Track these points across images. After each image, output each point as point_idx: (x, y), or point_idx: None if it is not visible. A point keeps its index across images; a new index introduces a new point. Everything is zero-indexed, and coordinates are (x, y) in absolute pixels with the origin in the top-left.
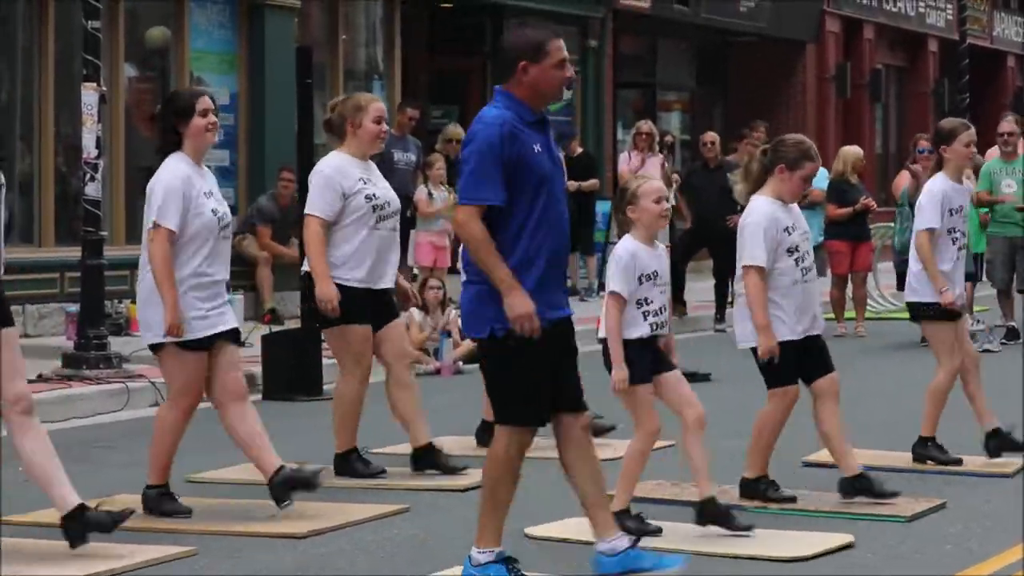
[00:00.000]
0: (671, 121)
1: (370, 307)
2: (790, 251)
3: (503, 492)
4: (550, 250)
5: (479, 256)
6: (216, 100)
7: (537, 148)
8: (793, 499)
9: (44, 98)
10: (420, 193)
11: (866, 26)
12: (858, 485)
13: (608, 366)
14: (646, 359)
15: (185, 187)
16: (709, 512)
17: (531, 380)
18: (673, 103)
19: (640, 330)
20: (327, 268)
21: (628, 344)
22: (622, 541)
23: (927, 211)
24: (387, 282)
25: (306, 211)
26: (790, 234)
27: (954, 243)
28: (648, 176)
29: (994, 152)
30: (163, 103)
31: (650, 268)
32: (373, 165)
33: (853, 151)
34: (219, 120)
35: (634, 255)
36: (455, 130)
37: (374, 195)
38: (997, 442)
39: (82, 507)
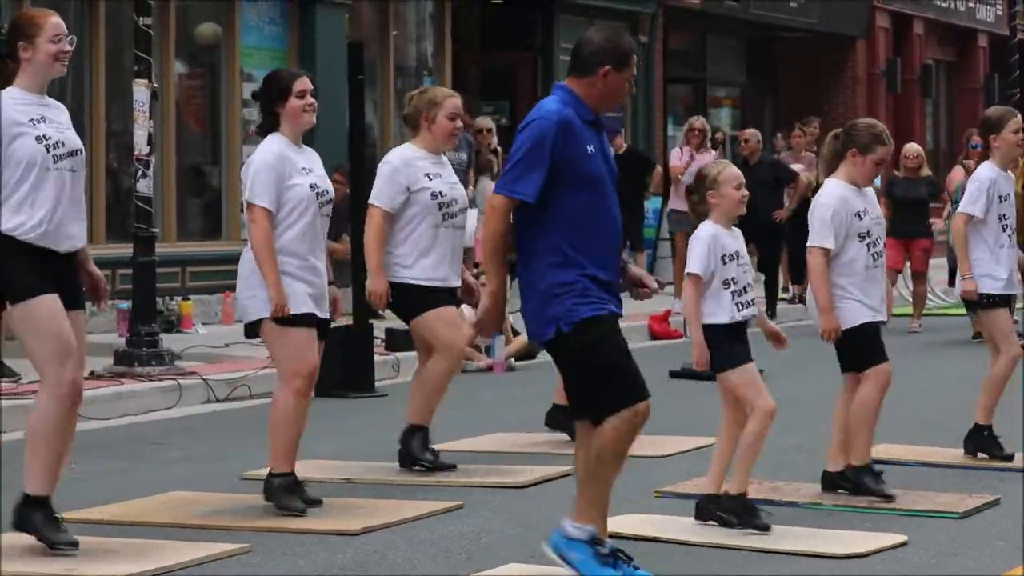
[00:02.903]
0: (721, 117)
1: (442, 297)
2: (861, 236)
3: (605, 471)
4: (598, 251)
5: (485, 250)
6: (315, 82)
7: (591, 149)
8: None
9: (95, 95)
10: (490, 189)
11: (916, 21)
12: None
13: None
14: (738, 341)
15: (278, 164)
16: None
17: (616, 360)
18: (723, 99)
19: (729, 312)
20: (381, 261)
21: (719, 328)
22: (581, 532)
23: (970, 197)
24: (453, 281)
25: (370, 200)
26: (861, 219)
27: (1004, 230)
28: (725, 162)
29: None
30: (263, 83)
31: (731, 248)
32: (445, 160)
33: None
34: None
35: (715, 236)
36: (484, 121)
37: (440, 192)
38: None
39: (45, 501)
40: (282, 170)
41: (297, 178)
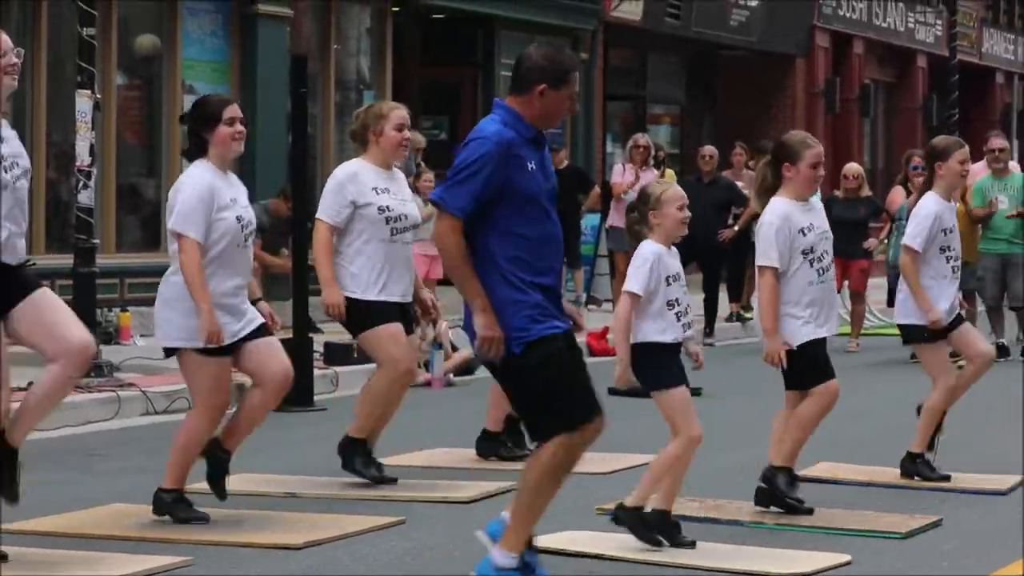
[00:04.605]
0: (660, 134)
1: (392, 313)
2: (804, 252)
3: (542, 500)
4: (543, 265)
5: (452, 269)
6: (255, 97)
7: (531, 166)
8: (807, 509)
9: (36, 105)
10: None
11: (856, 41)
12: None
13: (639, 376)
14: (679, 362)
15: (207, 195)
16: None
17: (561, 384)
18: (662, 116)
19: (674, 332)
20: (332, 274)
21: (663, 347)
22: (511, 560)
23: (915, 231)
24: (403, 296)
25: (317, 215)
26: (805, 235)
27: (948, 261)
28: (670, 182)
29: (981, 169)
30: (191, 108)
31: (674, 270)
32: (398, 174)
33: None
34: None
35: (659, 256)
36: (416, 136)
37: (388, 207)
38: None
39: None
40: (211, 202)
41: (225, 211)
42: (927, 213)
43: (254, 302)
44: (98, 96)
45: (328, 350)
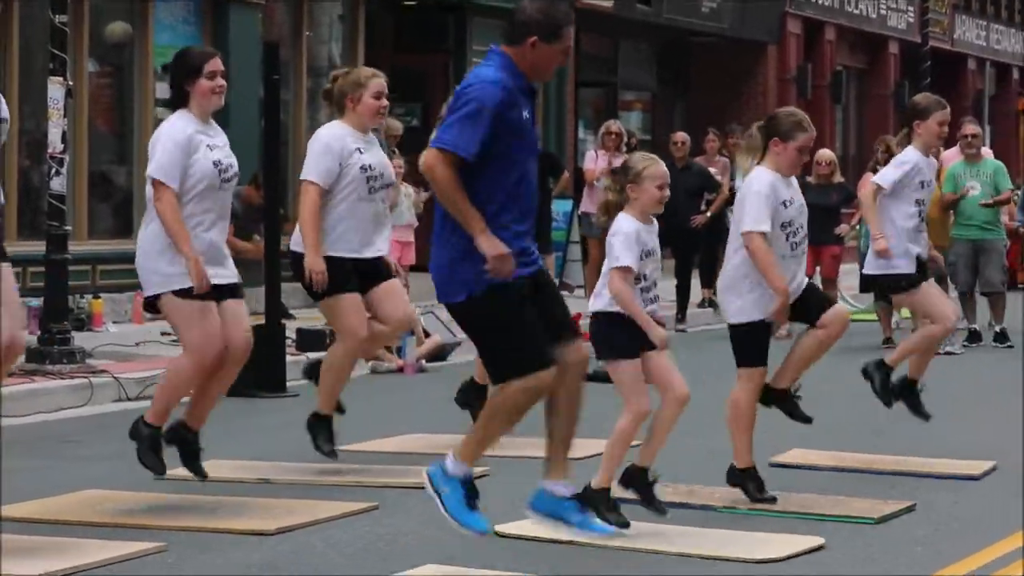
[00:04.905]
0: (631, 120)
1: (358, 275)
2: (783, 225)
3: (495, 426)
4: (524, 208)
5: (448, 197)
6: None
7: (525, 115)
8: (773, 499)
9: (8, 92)
10: None
11: (827, 27)
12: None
13: (595, 344)
14: (637, 336)
15: (186, 142)
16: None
17: (521, 326)
18: (633, 103)
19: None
20: (318, 239)
21: (622, 318)
22: (564, 489)
23: (892, 174)
24: (376, 251)
25: (303, 176)
26: (786, 207)
27: (920, 215)
28: (655, 158)
29: (954, 154)
30: (173, 59)
31: (649, 245)
32: (373, 136)
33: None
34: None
35: (638, 231)
36: (393, 123)
37: (369, 165)
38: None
39: None
40: (188, 148)
41: (201, 153)
42: (908, 161)
43: None
44: (70, 83)
45: (300, 336)
